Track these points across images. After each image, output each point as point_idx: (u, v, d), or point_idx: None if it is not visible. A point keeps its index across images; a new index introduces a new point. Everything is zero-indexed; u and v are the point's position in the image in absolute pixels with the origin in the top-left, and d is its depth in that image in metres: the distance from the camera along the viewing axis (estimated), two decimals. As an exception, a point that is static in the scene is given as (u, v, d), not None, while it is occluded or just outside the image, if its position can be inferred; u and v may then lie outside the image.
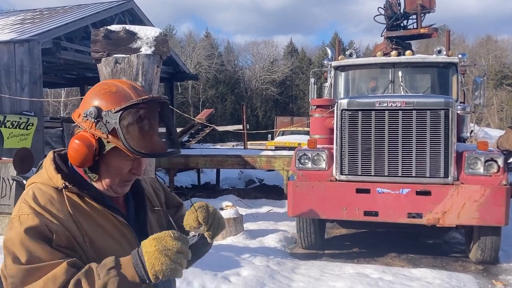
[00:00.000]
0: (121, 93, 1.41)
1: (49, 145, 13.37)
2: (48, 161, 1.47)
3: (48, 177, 1.42)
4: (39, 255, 1.27)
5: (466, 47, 48.85)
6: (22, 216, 1.32)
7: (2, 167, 7.10)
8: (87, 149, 1.37)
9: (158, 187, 1.77)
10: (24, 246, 1.27)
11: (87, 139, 1.38)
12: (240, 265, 5.47)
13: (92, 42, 6.14)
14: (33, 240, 1.28)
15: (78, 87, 19.62)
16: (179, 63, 17.21)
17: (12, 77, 10.09)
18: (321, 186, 6.12)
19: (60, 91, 35.91)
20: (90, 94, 1.45)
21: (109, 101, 1.39)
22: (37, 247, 1.28)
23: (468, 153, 5.92)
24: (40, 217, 1.32)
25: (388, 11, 8.52)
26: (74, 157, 1.39)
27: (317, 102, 7.56)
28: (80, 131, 1.41)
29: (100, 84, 1.48)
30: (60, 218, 1.34)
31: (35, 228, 1.29)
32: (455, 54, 7.56)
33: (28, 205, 1.35)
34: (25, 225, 1.29)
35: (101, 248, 1.38)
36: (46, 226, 1.30)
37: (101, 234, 1.41)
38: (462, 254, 6.69)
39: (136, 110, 1.35)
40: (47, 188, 1.40)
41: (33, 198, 1.37)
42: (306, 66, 54.85)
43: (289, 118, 30.97)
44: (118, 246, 1.43)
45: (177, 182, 12.81)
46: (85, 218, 1.40)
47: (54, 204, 1.36)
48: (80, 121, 1.41)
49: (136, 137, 1.34)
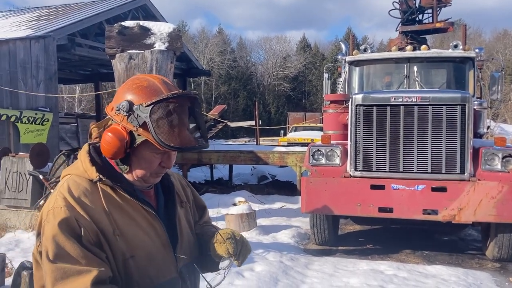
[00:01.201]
0: (152, 88, 1.43)
1: (64, 141, 13.55)
2: (84, 153, 1.51)
3: (83, 169, 1.46)
4: (68, 251, 1.31)
5: (482, 41, 48.12)
6: (56, 208, 1.36)
7: (19, 162, 7.20)
8: (119, 141, 1.40)
9: (186, 184, 1.80)
10: (55, 241, 1.32)
11: (119, 132, 1.41)
12: (253, 261, 5.48)
13: (106, 38, 6.17)
14: (64, 235, 1.32)
15: (92, 83, 19.79)
16: (192, 59, 17.26)
17: (28, 73, 10.22)
18: (335, 182, 6.09)
19: (75, 87, 36.24)
20: (123, 88, 1.47)
21: (141, 95, 1.41)
22: (66, 243, 1.31)
23: (485, 149, 5.83)
24: (72, 211, 1.35)
25: (403, 5, 8.41)
26: (106, 149, 1.42)
27: (331, 98, 7.51)
28: (113, 124, 1.45)
29: (133, 79, 1.50)
30: (92, 211, 1.37)
31: (66, 222, 1.33)
32: (471, 49, 7.45)
33: (63, 197, 1.38)
34: (58, 218, 1.33)
35: (131, 240, 1.41)
36: (76, 221, 1.34)
37: (132, 226, 1.43)
38: (478, 252, 6.60)
39: (166, 104, 1.37)
40: (82, 180, 1.44)
41: (68, 190, 1.40)
42: (319, 61, 54.56)
43: (301, 114, 30.90)
44: (148, 238, 1.46)
45: (190, 178, 12.86)
46: (118, 210, 1.43)
47: (88, 196, 1.40)
48: (113, 114, 1.44)
49: (166, 131, 1.37)
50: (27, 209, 7.11)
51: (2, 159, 7.35)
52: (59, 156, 6.88)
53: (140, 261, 1.42)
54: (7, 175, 7.21)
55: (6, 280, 4.61)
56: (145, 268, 1.43)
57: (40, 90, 10.33)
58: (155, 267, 1.45)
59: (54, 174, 6.75)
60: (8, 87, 9.47)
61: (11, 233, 6.92)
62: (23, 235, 6.81)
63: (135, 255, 1.41)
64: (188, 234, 1.63)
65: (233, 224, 7.17)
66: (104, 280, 1.33)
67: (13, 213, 7.22)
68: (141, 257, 1.42)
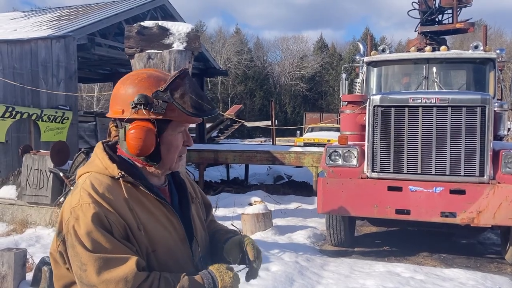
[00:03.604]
0: (154, 76, 1.51)
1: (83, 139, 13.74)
2: (100, 151, 1.53)
3: (103, 167, 1.47)
4: (105, 243, 1.33)
5: (503, 42, 47.22)
6: (83, 205, 1.37)
7: (40, 160, 7.33)
8: (149, 134, 1.45)
9: (193, 181, 1.84)
10: (91, 236, 1.33)
11: (144, 126, 1.45)
12: (269, 261, 5.49)
13: (125, 38, 6.25)
14: (98, 229, 1.34)
15: (111, 82, 20.04)
16: (210, 59, 17.34)
17: (49, 72, 10.40)
18: (352, 183, 6.06)
19: (93, 86, 36.73)
20: (123, 88, 1.51)
21: (149, 85, 1.47)
22: (102, 237, 1.34)
23: (506, 152, 5.74)
24: (100, 206, 1.37)
25: (423, 5, 8.31)
26: (136, 146, 1.46)
27: (348, 98, 7.48)
28: (133, 124, 1.46)
29: (129, 78, 1.53)
30: (117, 207, 1.40)
31: (98, 217, 1.35)
32: (492, 50, 7.33)
33: (88, 194, 1.39)
34: (88, 214, 1.35)
35: (153, 236, 1.44)
36: (105, 216, 1.37)
37: (152, 222, 1.46)
38: (497, 255, 6.50)
39: (179, 81, 1.44)
40: (103, 177, 1.46)
41: (92, 187, 1.41)
42: (336, 61, 54.30)
43: (318, 115, 30.82)
44: (167, 233, 1.50)
45: (207, 177, 12.93)
46: (139, 206, 1.46)
47: (111, 193, 1.42)
48: (131, 113, 1.46)
49: (191, 103, 1.44)
50: (47, 206, 7.24)
51: (24, 156, 7.50)
52: (79, 154, 7.00)
53: (160, 255, 1.45)
54: (28, 172, 7.36)
55: (27, 275, 4.71)
56: (165, 263, 1.46)
57: (60, 89, 10.51)
58: (174, 261, 1.49)
59: (74, 172, 6.87)
60: (29, 85, 9.66)
61: (32, 229, 7.06)
62: (44, 231, 6.94)
63: (156, 250, 1.44)
64: (200, 229, 1.67)
65: (249, 223, 7.19)
66: (143, 268, 1.37)
67: (33, 209, 7.37)
68: (162, 252, 1.46)
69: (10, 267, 4.50)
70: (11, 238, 6.49)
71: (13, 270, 4.49)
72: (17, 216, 7.43)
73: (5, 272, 4.52)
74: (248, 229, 7.22)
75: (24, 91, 9.70)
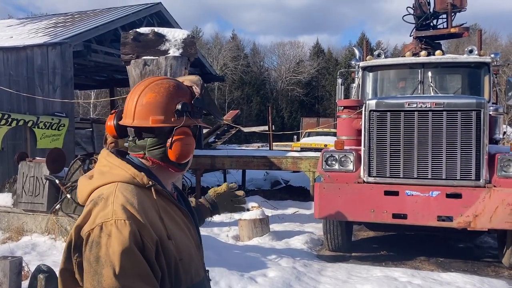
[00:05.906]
0: (179, 84, 1.53)
1: (79, 146, 13.70)
2: (116, 159, 1.46)
3: (130, 176, 1.40)
4: (132, 267, 1.25)
5: (498, 46, 47.47)
6: (119, 221, 1.27)
7: (36, 167, 7.30)
8: (193, 139, 1.50)
9: None
10: (122, 257, 1.24)
11: (186, 132, 1.48)
12: (266, 266, 5.48)
13: (121, 45, 6.25)
14: (131, 251, 1.26)
15: (107, 88, 20.03)
16: (206, 64, 17.36)
17: (45, 79, 10.39)
18: (348, 188, 6.06)
19: (90, 93, 36.69)
20: (159, 97, 1.46)
21: (182, 93, 1.50)
22: (132, 260, 1.26)
23: (501, 155, 5.76)
24: (135, 222, 1.29)
25: (418, 10, 8.36)
26: (187, 152, 1.48)
27: (344, 103, 7.50)
28: (179, 130, 1.45)
29: (159, 86, 1.48)
30: (152, 219, 1.34)
31: (133, 236, 1.27)
32: (487, 54, 7.37)
33: (122, 208, 1.30)
34: (124, 232, 1.26)
35: (179, 243, 1.41)
36: (140, 234, 1.29)
37: (177, 230, 1.44)
38: (494, 259, 6.51)
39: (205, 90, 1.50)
40: (132, 187, 1.38)
41: (126, 200, 1.33)
42: (333, 66, 54.42)
43: (315, 119, 30.86)
44: (189, 241, 1.48)
45: (204, 183, 12.90)
46: (167, 214, 1.42)
47: (145, 204, 1.36)
48: (172, 121, 1.45)
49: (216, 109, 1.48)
50: (43, 213, 7.20)
51: (20, 163, 7.47)
52: (75, 161, 6.97)
53: (185, 263, 1.42)
54: (24, 180, 7.33)
55: (23, 283, 4.68)
56: (189, 270, 1.44)
57: (56, 96, 10.49)
58: (194, 267, 1.48)
59: (70, 179, 6.84)
60: (25, 92, 9.64)
61: (28, 236, 7.02)
62: (39, 238, 6.90)
63: (183, 258, 1.41)
64: None
65: (246, 229, 7.17)
66: None
67: (29, 217, 7.33)
68: (186, 260, 1.43)
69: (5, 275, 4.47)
70: (7, 246, 6.44)
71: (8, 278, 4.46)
72: (12, 223, 7.38)
73: (1, 280, 4.48)
74: (245, 235, 7.21)
75: (20, 98, 9.68)
